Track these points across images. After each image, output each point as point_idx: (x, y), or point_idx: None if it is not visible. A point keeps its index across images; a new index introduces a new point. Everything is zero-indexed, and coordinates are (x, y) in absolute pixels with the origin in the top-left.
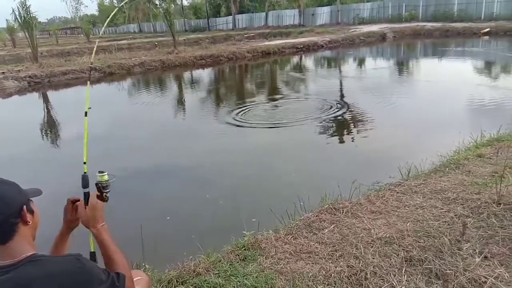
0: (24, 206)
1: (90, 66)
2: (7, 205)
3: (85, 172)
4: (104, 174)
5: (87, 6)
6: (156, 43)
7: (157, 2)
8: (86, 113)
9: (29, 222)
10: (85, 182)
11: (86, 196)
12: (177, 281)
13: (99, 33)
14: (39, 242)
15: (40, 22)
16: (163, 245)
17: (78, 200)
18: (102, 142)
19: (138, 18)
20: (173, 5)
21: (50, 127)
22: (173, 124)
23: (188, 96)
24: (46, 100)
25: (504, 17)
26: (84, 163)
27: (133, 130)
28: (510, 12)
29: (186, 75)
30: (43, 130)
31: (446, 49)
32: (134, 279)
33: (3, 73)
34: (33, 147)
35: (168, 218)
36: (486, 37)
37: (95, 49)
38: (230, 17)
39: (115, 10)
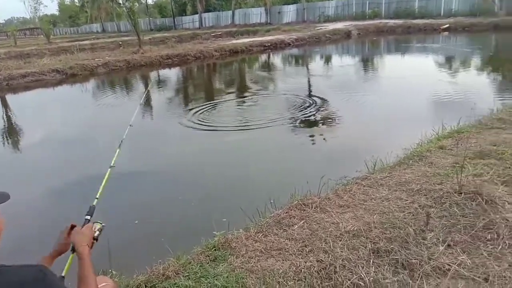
0: None
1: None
2: None
3: (93, 205)
4: (99, 222)
5: (46, 6)
6: (120, 42)
7: (120, 1)
8: (111, 167)
9: None
10: (91, 211)
11: (86, 222)
12: (145, 286)
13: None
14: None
15: None
16: (131, 250)
17: (75, 226)
18: (61, 145)
19: (101, 18)
20: (137, 3)
21: (10, 132)
22: (138, 125)
23: (154, 96)
24: (4, 104)
25: (462, 13)
26: (96, 198)
27: (96, 133)
28: (467, 8)
29: (153, 75)
30: (3, 136)
31: (408, 45)
32: (100, 286)
33: None
34: None
35: (136, 222)
36: (446, 33)
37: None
38: (197, 16)
39: None
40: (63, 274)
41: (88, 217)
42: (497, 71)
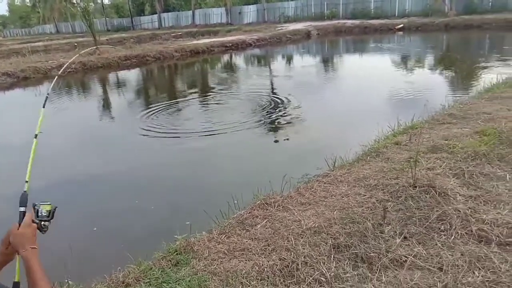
0: None
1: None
2: None
3: (25, 191)
4: (47, 203)
5: None
6: (75, 44)
7: (74, 1)
8: (36, 136)
9: None
10: (23, 201)
11: (22, 215)
12: None
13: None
14: None
15: None
16: (89, 258)
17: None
18: (15, 152)
19: (55, 18)
20: (92, 3)
21: None
22: (93, 130)
23: (111, 99)
24: None
25: (415, 13)
26: (26, 181)
27: (47, 138)
28: (420, 9)
29: (110, 76)
30: None
31: (365, 45)
32: None
33: None
34: None
35: (94, 229)
36: (400, 33)
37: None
38: (156, 16)
39: None
40: (16, 280)
41: (23, 208)
42: (448, 69)
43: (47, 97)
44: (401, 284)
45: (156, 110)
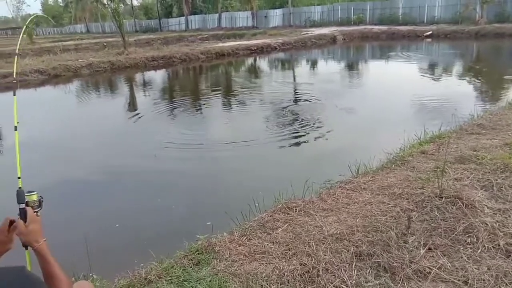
0: None
1: (14, 79)
2: None
3: (20, 187)
4: (33, 194)
5: (29, 6)
6: (105, 44)
7: (105, 2)
8: (16, 128)
9: None
10: (21, 198)
11: (23, 212)
12: None
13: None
14: None
15: None
16: (112, 254)
17: (15, 220)
18: (42, 149)
19: (86, 18)
20: (122, 5)
21: None
22: (120, 128)
23: (139, 99)
24: None
25: (444, 20)
26: (19, 177)
27: (76, 135)
28: (450, 16)
29: (138, 77)
30: None
31: (392, 51)
32: None
33: None
34: None
35: (117, 225)
36: (429, 40)
37: (16, 59)
38: (183, 18)
39: None
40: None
41: (23, 205)
42: (478, 78)
43: (14, 82)
44: None
45: (180, 110)
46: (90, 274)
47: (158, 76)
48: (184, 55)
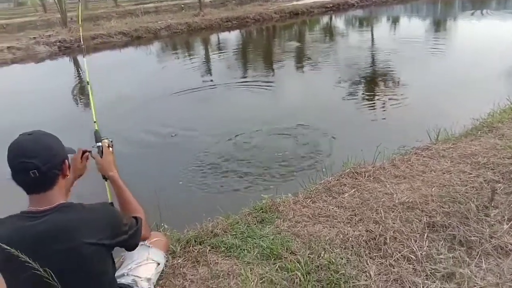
0: (66, 160)
1: (82, 44)
2: (54, 156)
3: (96, 130)
4: (105, 139)
5: None
6: (182, 5)
7: None
8: (88, 83)
9: (67, 175)
10: (97, 138)
11: (100, 148)
12: (195, 241)
13: None
14: None
15: None
16: (183, 208)
17: (87, 151)
18: (122, 105)
19: None
20: None
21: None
22: (197, 87)
23: (214, 61)
24: (76, 64)
25: None
26: (94, 122)
27: (155, 95)
28: None
29: (212, 38)
30: (75, 94)
31: (486, 6)
32: (153, 240)
33: (34, 38)
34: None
35: (180, 182)
36: None
37: (81, 28)
38: None
39: None
40: (110, 201)
41: (99, 144)
42: None
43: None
44: (504, 274)
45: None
46: (162, 224)
47: (231, 37)
48: (258, 15)
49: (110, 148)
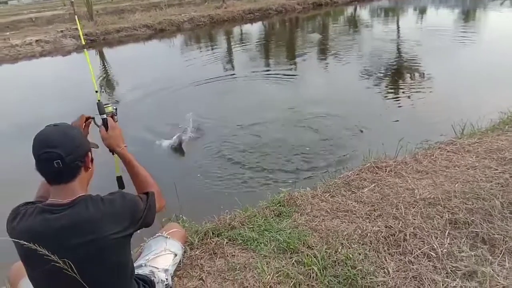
0: (89, 153)
1: (83, 45)
2: (77, 148)
3: (98, 100)
4: (108, 105)
5: None
6: None
7: None
8: (83, 46)
9: (89, 168)
10: (101, 109)
11: (105, 121)
12: (213, 233)
13: None
14: None
15: None
16: (200, 201)
17: (90, 118)
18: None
19: None
20: None
21: (108, 83)
22: (217, 77)
23: (236, 54)
24: (102, 57)
25: None
26: (96, 91)
27: (179, 87)
28: None
29: (235, 30)
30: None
31: None
32: (170, 231)
33: (62, 31)
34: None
35: (199, 175)
36: None
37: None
38: None
39: None
40: (119, 174)
41: (104, 115)
42: None
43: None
44: None
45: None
46: (180, 216)
47: (254, 29)
48: (280, 6)
49: (115, 117)
